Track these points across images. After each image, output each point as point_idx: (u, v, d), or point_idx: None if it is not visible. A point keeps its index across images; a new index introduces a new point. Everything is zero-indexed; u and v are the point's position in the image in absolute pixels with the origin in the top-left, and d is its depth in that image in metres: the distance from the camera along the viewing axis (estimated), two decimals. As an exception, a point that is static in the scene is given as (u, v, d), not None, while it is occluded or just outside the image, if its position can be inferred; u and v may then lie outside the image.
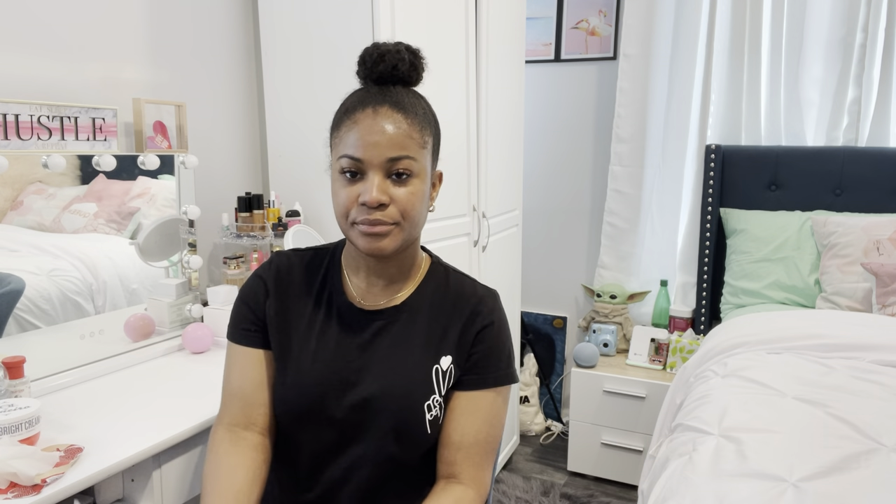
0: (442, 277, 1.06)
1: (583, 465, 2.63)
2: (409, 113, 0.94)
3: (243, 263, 1.83)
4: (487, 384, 1.01)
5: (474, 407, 1.01)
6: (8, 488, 0.97)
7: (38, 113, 1.36)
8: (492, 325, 1.02)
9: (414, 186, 0.94)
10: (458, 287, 1.05)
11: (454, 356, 1.01)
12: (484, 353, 1.01)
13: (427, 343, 1.01)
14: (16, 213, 1.38)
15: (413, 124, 0.93)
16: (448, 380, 1.00)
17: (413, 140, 0.93)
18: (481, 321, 1.02)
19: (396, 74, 0.95)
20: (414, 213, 0.94)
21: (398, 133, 0.92)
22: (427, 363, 1.00)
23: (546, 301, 3.14)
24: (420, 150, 0.94)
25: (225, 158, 1.98)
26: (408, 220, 0.94)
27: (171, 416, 1.23)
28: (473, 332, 1.01)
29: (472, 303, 1.03)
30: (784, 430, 1.31)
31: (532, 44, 2.92)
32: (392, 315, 1.02)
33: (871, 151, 2.35)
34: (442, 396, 1.00)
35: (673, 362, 2.51)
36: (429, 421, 0.99)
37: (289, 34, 1.89)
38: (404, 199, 0.93)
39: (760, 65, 2.53)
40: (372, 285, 1.04)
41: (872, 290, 2.05)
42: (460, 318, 1.02)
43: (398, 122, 0.92)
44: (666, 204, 2.77)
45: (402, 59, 0.95)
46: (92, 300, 1.50)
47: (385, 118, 0.92)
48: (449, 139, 2.06)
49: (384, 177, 0.92)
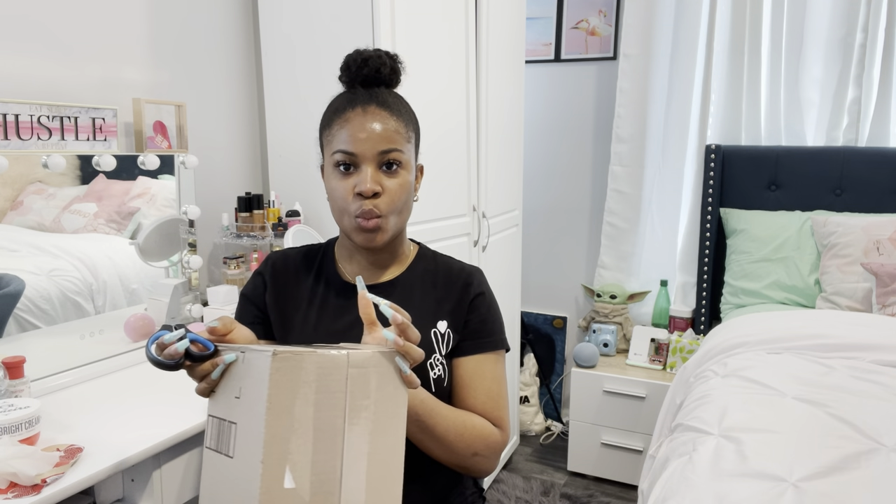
0: (430, 259, 1.17)
1: (583, 465, 2.63)
2: (395, 111, 1.04)
3: (243, 263, 1.83)
4: (487, 348, 1.11)
5: (480, 370, 1.09)
6: (8, 488, 0.97)
7: (38, 113, 1.36)
8: (483, 295, 1.12)
9: (402, 177, 1.04)
10: (447, 266, 1.16)
11: (449, 321, 1.09)
12: (480, 321, 1.11)
13: (423, 311, 1.08)
14: (16, 213, 1.38)
15: (399, 121, 1.04)
16: (447, 342, 1.08)
17: (400, 135, 1.03)
18: (473, 291, 1.12)
19: (379, 77, 1.06)
20: (401, 203, 1.04)
21: (386, 129, 1.02)
22: (425, 326, 1.06)
23: (546, 301, 3.14)
24: (406, 143, 1.04)
25: (225, 158, 1.98)
26: (397, 210, 1.04)
27: (171, 416, 1.23)
28: (467, 301, 1.10)
29: (462, 276, 1.13)
30: (784, 430, 1.31)
31: (532, 44, 2.92)
32: (386, 289, 1.10)
33: (871, 151, 2.35)
34: (443, 357, 1.07)
35: (673, 362, 2.51)
36: (433, 379, 1.05)
37: (289, 34, 1.89)
38: (394, 190, 1.03)
39: (760, 65, 2.53)
40: (364, 269, 1.12)
41: (872, 290, 2.05)
42: (453, 290, 1.11)
43: (385, 119, 1.02)
44: (666, 204, 2.77)
45: (384, 63, 1.06)
46: (92, 300, 1.50)
47: (374, 116, 1.02)
48: (449, 139, 2.06)
49: (376, 168, 1.02)
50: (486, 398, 1.08)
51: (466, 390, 1.08)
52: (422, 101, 1.91)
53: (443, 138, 2.01)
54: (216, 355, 0.80)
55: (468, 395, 1.08)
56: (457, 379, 1.09)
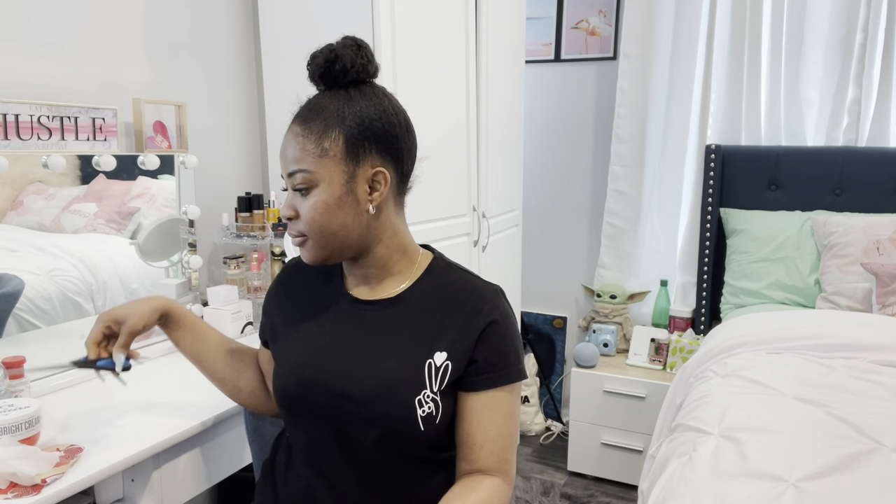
0: (441, 275, 1.05)
1: (583, 465, 2.63)
2: (309, 124, 0.95)
3: (243, 263, 1.83)
4: (500, 382, 1.00)
5: (492, 406, 0.99)
6: (8, 488, 0.97)
7: (38, 113, 1.36)
8: (496, 323, 0.99)
9: (315, 197, 0.96)
10: (459, 283, 1.03)
11: (450, 353, 0.98)
12: (492, 353, 0.99)
13: (417, 340, 0.99)
14: (16, 213, 1.38)
15: (309, 135, 0.95)
16: (443, 375, 0.97)
17: (307, 151, 0.95)
18: (484, 319, 0.99)
19: (347, 80, 0.97)
20: (317, 225, 0.97)
21: (294, 148, 0.96)
22: (417, 358, 0.98)
23: (546, 301, 3.14)
24: (317, 159, 0.95)
25: (225, 158, 1.98)
26: (315, 232, 0.98)
27: (171, 416, 1.23)
28: (476, 331, 0.98)
29: (471, 301, 1.00)
30: (784, 430, 1.31)
31: (532, 44, 2.92)
32: (384, 307, 1.03)
33: (871, 151, 2.35)
34: (435, 392, 0.97)
35: (673, 362, 2.51)
36: (421, 418, 0.96)
37: (289, 34, 1.89)
38: (305, 213, 0.97)
39: (760, 65, 2.53)
40: (360, 282, 1.07)
41: (872, 290, 2.05)
42: (459, 314, 0.99)
43: (296, 136, 0.96)
44: (666, 204, 2.77)
45: (353, 66, 0.96)
46: (92, 300, 1.50)
47: (289, 135, 0.98)
48: (449, 139, 2.06)
49: (293, 190, 0.98)
50: (496, 437, 0.99)
51: (474, 426, 0.99)
52: (422, 101, 1.92)
53: (443, 138, 2.01)
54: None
55: (476, 430, 0.99)
56: (464, 412, 1.00)
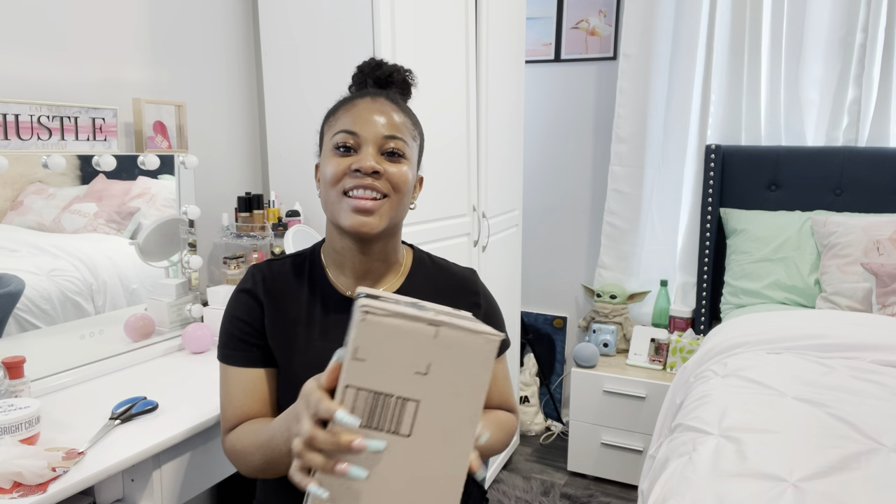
0: (428, 264, 1.12)
1: (583, 465, 2.63)
2: (403, 108, 1.01)
3: (243, 263, 1.83)
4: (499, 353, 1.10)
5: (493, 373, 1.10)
6: (12, 488, 0.97)
7: (38, 113, 1.36)
8: (486, 297, 1.12)
9: (404, 167, 0.97)
10: (446, 271, 1.13)
11: None
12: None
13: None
14: (16, 213, 1.38)
15: (406, 117, 1.00)
16: None
17: (406, 129, 0.99)
18: (472, 298, 1.10)
19: (391, 81, 1.04)
20: (402, 192, 0.97)
21: (395, 117, 0.97)
22: None
23: (546, 301, 3.14)
24: (412, 140, 1.00)
25: (225, 158, 1.98)
26: (397, 195, 0.96)
27: (170, 416, 1.23)
28: (471, 309, 1.03)
29: (465, 282, 1.11)
30: (784, 430, 1.31)
31: (532, 44, 2.92)
32: None
33: (871, 151, 2.35)
34: None
35: (673, 362, 2.51)
36: None
37: (289, 34, 1.89)
38: (396, 175, 0.95)
39: (760, 65, 2.53)
40: (358, 279, 1.04)
41: (872, 290, 2.05)
42: (459, 296, 1.09)
43: (394, 111, 0.98)
44: (666, 204, 2.77)
45: (398, 70, 1.05)
46: (92, 300, 1.50)
47: (382, 105, 0.98)
48: (449, 139, 2.06)
49: (378, 152, 0.95)
50: (500, 397, 1.13)
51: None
52: (421, 101, 1.91)
53: (443, 138, 2.01)
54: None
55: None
56: None
